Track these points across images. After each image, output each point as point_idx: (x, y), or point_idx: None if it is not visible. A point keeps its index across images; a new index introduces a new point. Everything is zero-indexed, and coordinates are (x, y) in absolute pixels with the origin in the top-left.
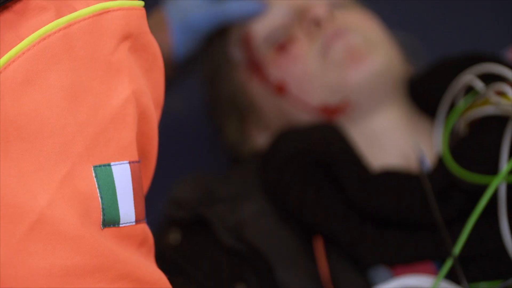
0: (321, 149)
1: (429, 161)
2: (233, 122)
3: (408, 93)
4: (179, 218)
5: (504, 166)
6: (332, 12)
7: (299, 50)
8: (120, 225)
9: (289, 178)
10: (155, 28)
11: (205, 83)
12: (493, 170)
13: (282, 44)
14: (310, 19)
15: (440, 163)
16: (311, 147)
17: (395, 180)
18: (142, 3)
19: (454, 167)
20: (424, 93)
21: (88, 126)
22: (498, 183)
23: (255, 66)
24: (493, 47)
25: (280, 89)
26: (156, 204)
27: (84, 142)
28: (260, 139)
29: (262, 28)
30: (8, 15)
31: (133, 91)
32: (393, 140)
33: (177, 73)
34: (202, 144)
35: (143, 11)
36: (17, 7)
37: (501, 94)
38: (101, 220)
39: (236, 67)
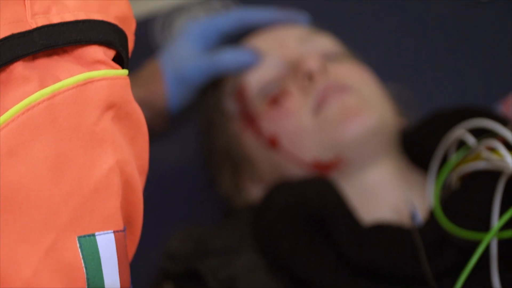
0: (313, 203)
1: (422, 214)
2: (227, 173)
3: (401, 146)
4: (172, 271)
5: (495, 223)
6: (325, 66)
7: (291, 104)
8: None
9: (281, 232)
10: (150, 78)
11: (199, 134)
12: (484, 225)
13: (274, 97)
14: (302, 72)
15: (432, 217)
16: (304, 201)
17: (386, 233)
18: (126, 71)
19: (445, 223)
20: (416, 147)
21: (72, 197)
22: (489, 240)
23: (249, 118)
24: (486, 100)
25: (272, 143)
26: (149, 255)
27: (69, 213)
28: (254, 192)
29: (255, 81)
30: None
31: (117, 160)
32: (385, 194)
33: (172, 124)
34: (196, 195)
35: (127, 80)
36: (1, 77)
37: (493, 149)
38: None
39: (230, 119)
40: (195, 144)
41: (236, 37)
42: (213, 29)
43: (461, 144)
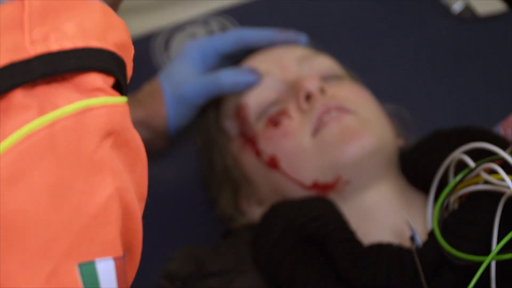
0: (313, 224)
1: (422, 236)
2: (227, 194)
3: (399, 167)
4: None
5: (495, 245)
6: (324, 87)
7: (290, 125)
8: None
9: (280, 254)
10: (149, 99)
11: (199, 154)
12: (483, 247)
13: (273, 117)
14: (301, 93)
15: (431, 238)
16: (303, 221)
17: (386, 254)
18: (125, 99)
19: (444, 245)
20: (415, 168)
21: (72, 224)
22: (488, 263)
23: (248, 139)
24: (485, 121)
25: (271, 164)
26: (149, 275)
27: (68, 240)
28: (254, 212)
29: (254, 101)
30: None
31: (116, 188)
32: (385, 216)
33: (171, 143)
34: (195, 215)
35: (126, 108)
36: (0, 104)
37: (492, 171)
38: None
39: (230, 139)
40: (194, 163)
41: (235, 57)
42: (212, 48)
43: (460, 165)
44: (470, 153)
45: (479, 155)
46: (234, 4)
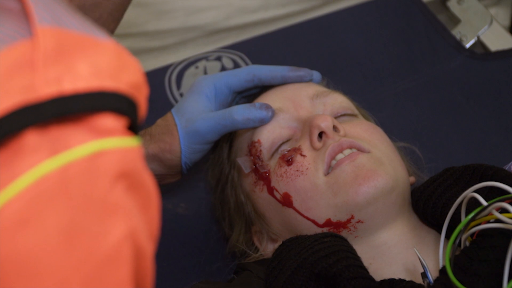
0: (326, 262)
1: (433, 273)
2: (240, 229)
3: (412, 205)
4: None
5: (506, 284)
6: (336, 124)
7: (302, 163)
8: None
9: None
10: (163, 135)
11: (212, 188)
12: (495, 284)
13: (286, 155)
14: (314, 131)
15: (443, 275)
16: (316, 260)
17: None
18: (138, 141)
19: (456, 283)
20: (427, 207)
21: (84, 265)
22: None
23: (261, 176)
24: (496, 159)
25: (285, 201)
26: None
27: (80, 281)
28: (266, 248)
29: (268, 138)
30: (3, 154)
31: (129, 229)
32: (397, 253)
33: (184, 177)
34: (208, 250)
35: (139, 150)
36: (12, 146)
37: (504, 209)
38: None
39: (243, 175)
40: (207, 198)
41: (249, 93)
42: (225, 84)
43: (471, 203)
44: (481, 190)
45: (490, 193)
46: (244, 39)
